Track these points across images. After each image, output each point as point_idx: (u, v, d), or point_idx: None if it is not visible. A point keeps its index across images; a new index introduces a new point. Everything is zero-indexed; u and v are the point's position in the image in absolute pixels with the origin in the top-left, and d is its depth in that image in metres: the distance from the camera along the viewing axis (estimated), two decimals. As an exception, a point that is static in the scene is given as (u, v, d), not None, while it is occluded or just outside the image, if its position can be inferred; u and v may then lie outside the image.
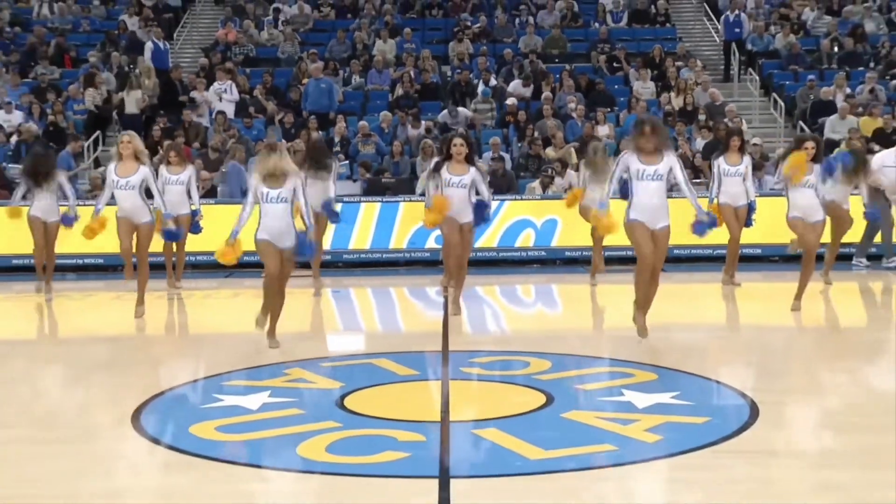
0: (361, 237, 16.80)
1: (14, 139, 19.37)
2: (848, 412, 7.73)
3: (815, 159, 11.58)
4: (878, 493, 5.92)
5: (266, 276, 9.60)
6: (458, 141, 11.23)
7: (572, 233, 16.19)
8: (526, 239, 16.78)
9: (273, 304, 9.69)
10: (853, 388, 8.62)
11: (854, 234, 14.45)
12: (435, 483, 6.04)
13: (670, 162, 9.37)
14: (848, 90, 20.89)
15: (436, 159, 11.72)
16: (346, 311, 13.86)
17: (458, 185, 11.16)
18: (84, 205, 14.12)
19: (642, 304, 9.62)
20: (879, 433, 7.18)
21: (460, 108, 20.43)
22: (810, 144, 11.62)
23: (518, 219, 16.79)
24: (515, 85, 21.66)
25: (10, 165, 18.34)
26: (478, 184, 11.38)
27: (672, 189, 9.74)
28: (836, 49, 22.97)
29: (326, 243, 15.60)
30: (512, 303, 14.48)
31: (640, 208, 9.38)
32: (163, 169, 13.91)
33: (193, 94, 21.14)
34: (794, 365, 9.31)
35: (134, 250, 11.85)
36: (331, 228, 15.75)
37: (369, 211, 16.73)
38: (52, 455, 7.01)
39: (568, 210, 15.15)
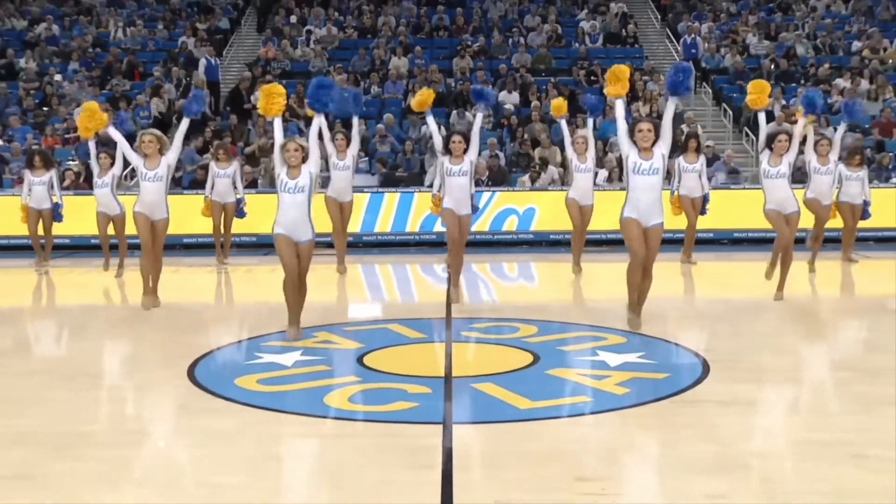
0: (384, 222, 16.88)
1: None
2: (786, 370, 7.71)
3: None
4: (805, 434, 6.01)
5: (285, 277, 8.58)
6: (456, 138, 10.43)
7: (547, 219, 16.58)
8: (510, 223, 16.86)
9: (295, 299, 8.64)
10: (793, 350, 8.59)
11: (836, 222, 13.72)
12: (439, 428, 6.04)
13: (660, 150, 8.47)
14: (783, 102, 20.92)
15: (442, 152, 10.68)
16: (366, 284, 13.81)
17: (459, 173, 10.36)
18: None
19: (635, 304, 8.81)
20: (812, 386, 7.18)
21: (467, 113, 20.38)
22: (784, 137, 10.51)
23: (505, 207, 16.87)
24: (504, 94, 21.61)
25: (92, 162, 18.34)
26: (473, 151, 10.47)
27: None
28: (773, 67, 23.00)
29: (357, 227, 16.00)
30: (503, 278, 14.43)
31: (635, 203, 8.51)
32: (212, 164, 14.26)
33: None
34: (741, 330, 9.27)
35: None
36: (360, 215, 16.15)
37: (390, 200, 16.88)
38: (124, 399, 7.10)
39: (545, 200, 16.28)
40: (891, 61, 23.16)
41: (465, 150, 10.42)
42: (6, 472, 5.39)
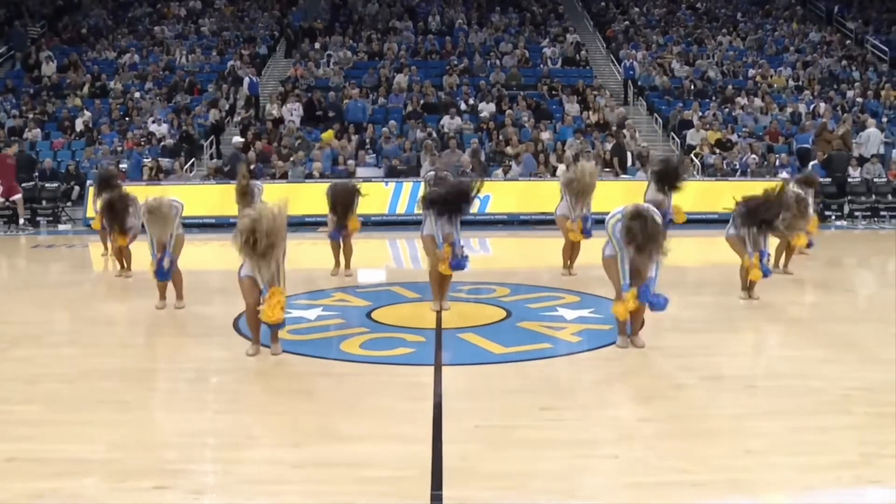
0: (402, 205, 16.59)
1: (163, 143, 19.31)
2: (702, 322, 7.68)
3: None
4: (711, 371, 6.05)
5: (246, 311, 6.52)
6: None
7: (497, 203, 16.45)
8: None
9: (258, 327, 6.46)
10: (712, 306, 8.50)
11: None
12: (431, 369, 6.02)
13: None
14: (700, 113, 20.97)
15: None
16: (375, 255, 13.71)
17: None
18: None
19: (624, 330, 6.61)
20: (721, 334, 7.17)
21: (453, 119, 20.26)
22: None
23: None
24: (483, 105, 21.51)
25: (162, 159, 18.32)
26: None
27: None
28: (692, 87, 23.06)
29: (384, 209, 16.16)
30: (481, 250, 14.34)
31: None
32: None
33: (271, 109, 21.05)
34: (671, 291, 9.19)
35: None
36: (387, 197, 16.28)
37: (406, 187, 16.65)
38: (184, 345, 7.02)
39: (498, 189, 16.20)
40: (775, 85, 23.44)
41: None
42: (104, 398, 5.50)
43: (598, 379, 5.95)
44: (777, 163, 18.22)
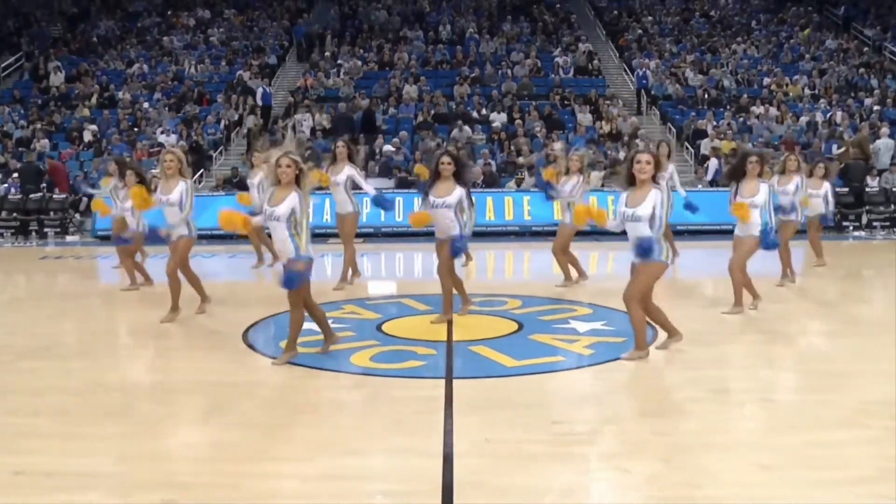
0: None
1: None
2: (715, 335, 7.66)
3: (759, 174, 8.17)
4: (725, 384, 6.09)
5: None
6: (444, 159, 7.66)
7: (509, 214, 16.43)
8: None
9: (294, 320, 6.62)
10: (722, 319, 8.48)
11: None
12: (442, 382, 6.02)
13: (653, 200, 6.28)
14: (714, 122, 20.98)
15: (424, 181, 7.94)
16: (385, 267, 13.73)
17: (442, 205, 7.68)
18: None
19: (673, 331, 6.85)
20: (733, 347, 7.16)
21: (465, 127, 20.31)
22: (754, 159, 8.16)
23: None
24: (494, 115, 21.56)
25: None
26: (462, 201, 7.66)
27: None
28: (706, 96, 23.08)
29: (394, 219, 15.80)
30: (494, 261, 14.33)
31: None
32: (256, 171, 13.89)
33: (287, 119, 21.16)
34: (682, 304, 9.20)
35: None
36: (397, 208, 15.97)
37: (416, 199, 16.52)
38: (196, 356, 7.06)
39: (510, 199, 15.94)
40: (791, 94, 23.40)
41: (456, 175, 7.66)
42: (111, 411, 5.52)
43: (611, 392, 5.95)
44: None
